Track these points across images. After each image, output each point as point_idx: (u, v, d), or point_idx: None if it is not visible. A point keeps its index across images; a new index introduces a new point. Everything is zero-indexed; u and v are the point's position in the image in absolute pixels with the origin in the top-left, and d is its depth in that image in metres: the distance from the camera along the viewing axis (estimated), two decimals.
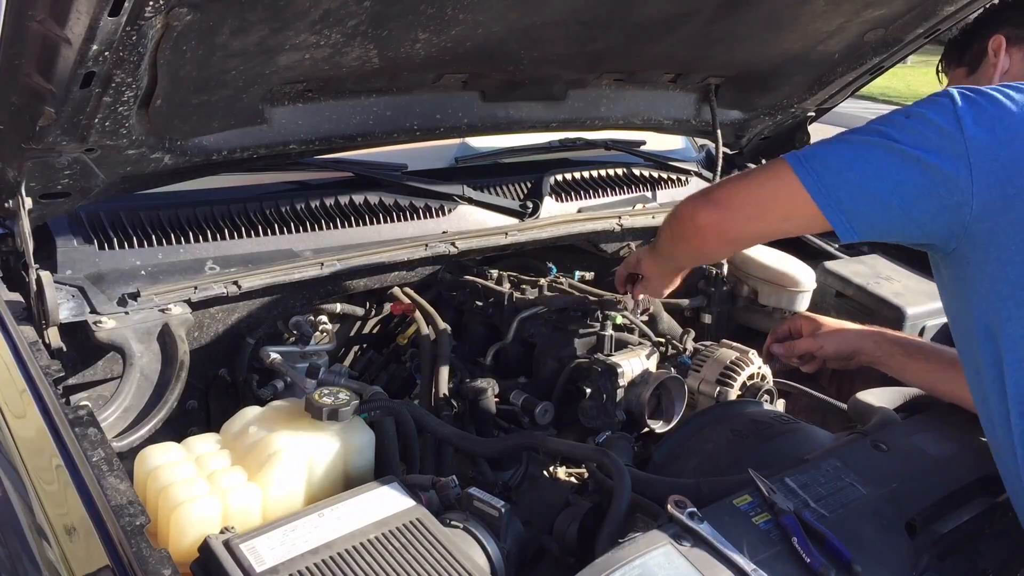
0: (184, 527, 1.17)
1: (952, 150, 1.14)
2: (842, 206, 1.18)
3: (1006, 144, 1.13)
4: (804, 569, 1.12)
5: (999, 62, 1.42)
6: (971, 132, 1.14)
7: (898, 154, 1.16)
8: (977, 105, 1.16)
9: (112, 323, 1.60)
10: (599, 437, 1.68)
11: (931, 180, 1.15)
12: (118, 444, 1.39)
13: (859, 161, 1.18)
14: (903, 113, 1.21)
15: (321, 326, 1.97)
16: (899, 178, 1.16)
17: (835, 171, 1.19)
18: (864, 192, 1.18)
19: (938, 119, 1.16)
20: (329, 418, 1.34)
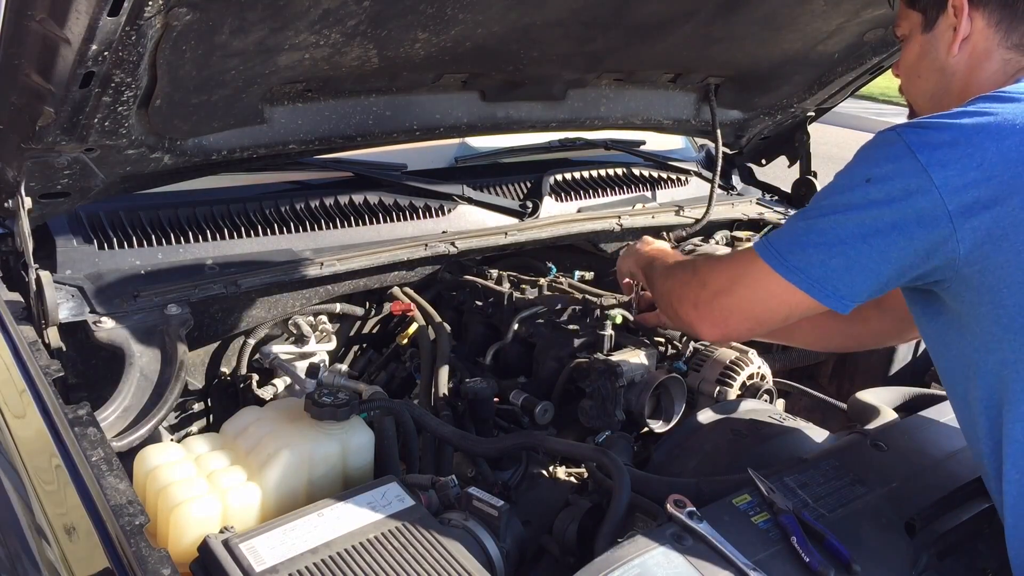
0: (183, 527, 1.17)
1: (929, 209, 1.09)
2: (838, 292, 1.16)
3: (983, 183, 1.07)
4: (803, 568, 1.12)
5: (960, 25, 1.24)
6: (941, 181, 1.08)
7: (874, 232, 1.12)
8: (937, 150, 1.09)
9: (112, 323, 1.60)
10: (599, 437, 1.69)
11: (915, 244, 1.11)
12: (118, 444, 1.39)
13: (838, 247, 1.15)
14: (862, 176, 1.14)
15: (321, 326, 1.97)
16: (884, 255, 1.13)
17: (820, 264, 1.16)
18: (854, 274, 1.15)
19: (903, 178, 1.10)
20: (329, 418, 1.34)
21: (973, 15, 1.24)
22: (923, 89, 1.35)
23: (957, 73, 1.28)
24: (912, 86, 1.38)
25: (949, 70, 1.29)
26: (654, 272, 1.55)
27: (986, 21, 1.24)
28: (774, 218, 2.66)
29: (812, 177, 2.72)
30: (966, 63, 1.27)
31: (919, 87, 1.36)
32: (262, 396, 1.82)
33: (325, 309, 2.00)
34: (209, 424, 1.92)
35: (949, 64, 1.28)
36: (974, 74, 1.26)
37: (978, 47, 1.25)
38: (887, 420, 1.61)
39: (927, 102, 1.35)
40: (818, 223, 1.17)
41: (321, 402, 1.35)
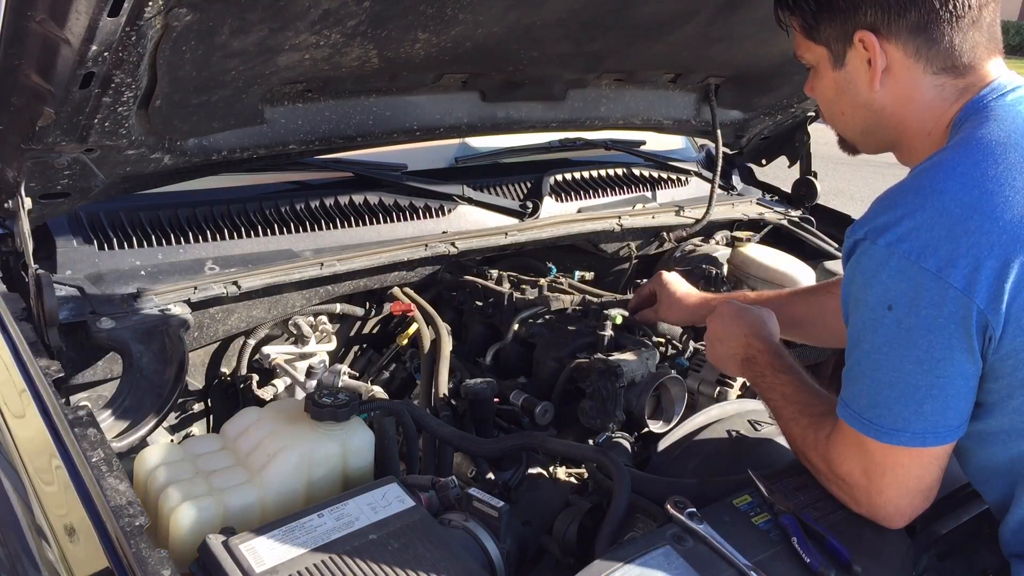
0: (183, 527, 1.17)
1: (964, 311, 1.03)
2: (950, 428, 1.10)
3: (999, 261, 1.02)
4: (804, 569, 1.12)
5: (876, 59, 1.14)
6: (963, 284, 1.02)
7: (936, 360, 1.06)
8: (938, 251, 1.03)
9: (112, 323, 1.60)
10: (599, 437, 1.69)
11: (974, 346, 1.05)
12: (118, 444, 1.39)
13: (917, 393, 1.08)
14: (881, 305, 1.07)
15: (321, 326, 1.97)
16: (961, 372, 1.07)
17: (917, 416, 1.09)
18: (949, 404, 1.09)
19: (926, 293, 1.03)
20: (329, 418, 1.34)
21: (885, 46, 1.15)
22: (851, 125, 1.28)
23: (887, 107, 1.20)
24: (837, 122, 1.30)
25: (876, 106, 1.20)
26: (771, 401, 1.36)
27: (903, 51, 1.15)
28: (774, 218, 2.66)
29: (812, 177, 2.72)
30: (893, 96, 1.18)
31: (846, 123, 1.28)
32: (262, 397, 1.82)
33: (325, 309, 2.00)
34: (209, 424, 1.92)
35: (875, 100, 1.20)
36: (907, 106, 1.18)
37: (902, 79, 1.16)
38: None
39: (860, 136, 1.28)
40: (880, 375, 1.10)
41: (321, 403, 1.35)
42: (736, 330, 1.46)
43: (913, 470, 1.13)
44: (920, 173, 1.11)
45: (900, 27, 1.13)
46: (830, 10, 1.18)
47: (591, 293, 2.09)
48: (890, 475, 1.14)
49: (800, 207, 2.75)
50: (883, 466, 1.14)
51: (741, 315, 1.48)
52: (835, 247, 2.54)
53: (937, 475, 1.15)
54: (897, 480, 1.14)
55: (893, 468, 1.13)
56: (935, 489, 1.17)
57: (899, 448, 1.11)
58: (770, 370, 1.36)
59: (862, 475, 1.16)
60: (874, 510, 1.17)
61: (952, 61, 1.14)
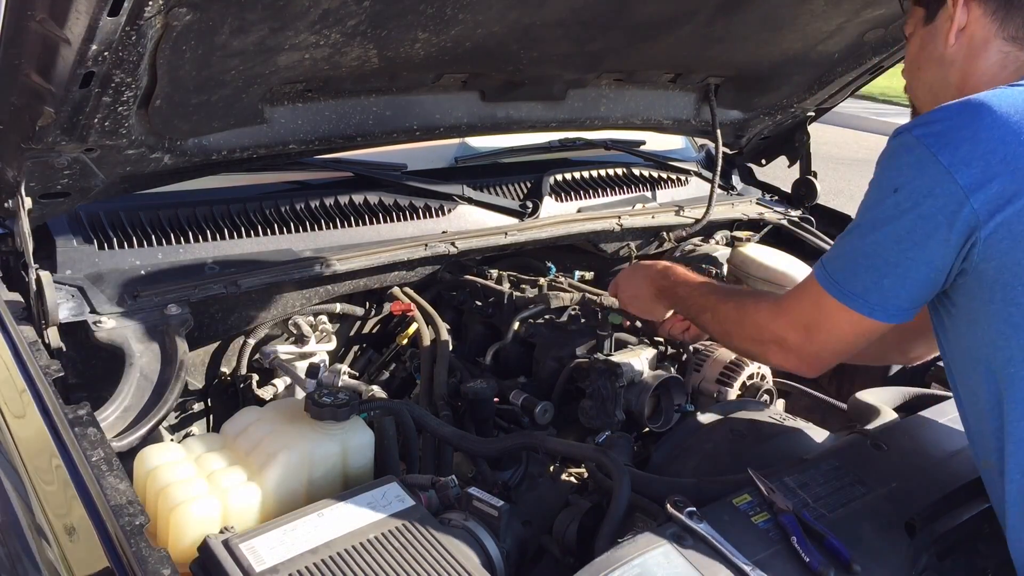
0: (183, 527, 1.17)
1: (957, 210, 1.11)
2: (900, 308, 1.20)
3: (1007, 176, 1.10)
4: (803, 568, 1.12)
5: (956, 15, 1.27)
6: (966, 181, 1.10)
7: (913, 244, 1.15)
8: (959, 148, 1.12)
9: (112, 323, 1.60)
10: (599, 437, 1.68)
11: (951, 245, 1.13)
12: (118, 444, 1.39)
13: (885, 267, 1.19)
14: (890, 187, 1.18)
15: (321, 326, 1.97)
16: (929, 263, 1.16)
17: (874, 286, 1.20)
18: (908, 288, 1.18)
19: (929, 183, 1.13)
20: (329, 418, 1.34)
21: (970, 5, 1.26)
22: (923, 81, 1.38)
23: (955, 63, 1.30)
24: (914, 79, 1.41)
25: (947, 60, 1.30)
26: (694, 305, 1.55)
27: (983, 10, 1.26)
28: (774, 218, 2.66)
29: (812, 177, 2.72)
30: (964, 54, 1.28)
31: (920, 80, 1.39)
32: (262, 396, 1.82)
33: (325, 309, 2.00)
34: (209, 424, 1.92)
35: (947, 55, 1.30)
36: (971, 65, 1.28)
37: (975, 37, 1.27)
38: (887, 420, 1.60)
39: (927, 94, 1.37)
40: (862, 244, 1.21)
41: (321, 402, 1.35)
42: (640, 275, 1.71)
43: (848, 335, 1.25)
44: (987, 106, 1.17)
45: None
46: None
47: (591, 293, 2.09)
48: (826, 332, 1.27)
49: (800, 207, 2.75)
50: (825, 323, 1.26)
51: (636, 268, 1.74)
52: None
53: (862, 347, 1.28)
54: (829, 337, 1.27)
55: (831, 326, 1.26)
56: (849, 357, 1.33)
57: (845, 309, 1.22)
58: (683, 286, 1.59)
59: (803, 327, 1.29)
60: (802, 359, 1.32)
61: (1023, 33, 1.24)
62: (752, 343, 1.41)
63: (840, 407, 1.93)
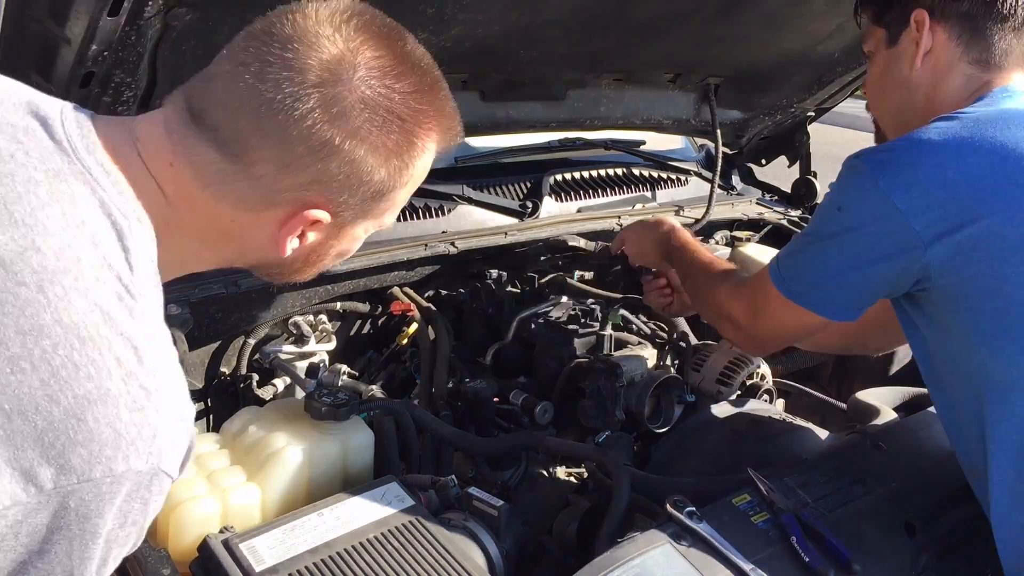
0: (183, 526, 1.17)
1: (898, 232, 1.15)
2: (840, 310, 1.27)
3: (947, 203, 1.13)
4: (803, 568, 1.12)
5: (922, 39, 1.27)
6: (905, 205, 1.13)
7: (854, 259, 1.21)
8: (899, 175, 1.16)
9: None
10: (599, 437, 1.68)
11: (893, 265, 1.18)
12: None
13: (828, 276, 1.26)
14: (834, 205, 1.24)
15: (321, 326, 1.97)
16: (868, 278, 1.22)
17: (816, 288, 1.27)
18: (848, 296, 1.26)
19: (869, 205, 1.18)
20: (329, 418, 1.34)
21: (935, 28, 1.27)
22: (888, 104, 1.39)
23: (921, 87, 1.30)
24: (878, 102, 1.42)
25: (913, 84, 1.31)
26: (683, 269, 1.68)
27: (948, 34, 1.27)
28: (774, 218, 2.66)
29: (812, 177, 2.72)
30: (929, 77, 1.29)
31: (884, 103, 1.40)
32: (262, 396, 1.82)
33: (325, 308, 2.00)
34: (209, 424, 1.92)
35: (912, 78, 1.31)
36: (937, 88, 1.29)
37: (940, 61, 1.28)
38: (887, 420, 1.61)
39: (892, 118, 1.39)
40: (809, 251, 1.29)
41: (321, 402, 1.35)
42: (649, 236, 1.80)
43: (791, 324, 1.35)
44: (930, 135, 1.20)
45: (952, 12, 1.26)
46: None
47: (591, 294, 2.09)
48: (770, 320, 1.36)
49: (800, 207, 2.75)
50: (769, 311, 1.35)
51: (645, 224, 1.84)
52: None
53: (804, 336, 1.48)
54: (771, 324, 1.37)
55: (775, 315, 1.34)
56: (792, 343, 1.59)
57: (788, 302, 1.30)
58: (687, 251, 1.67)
59: (750, 312, 1.40)
60: (741, 336, 1.46)
61: (986, 56, 1.26)
62: (712, 315, 1.56)
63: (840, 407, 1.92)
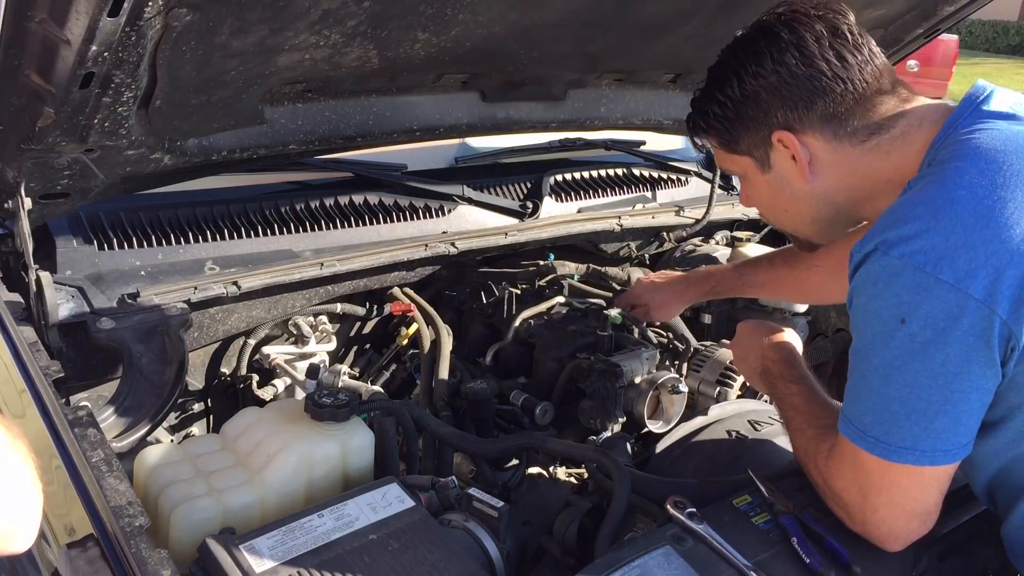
0: (183, 527, 1.17)
1: (983, 322, 1.00)
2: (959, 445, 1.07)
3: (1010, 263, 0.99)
4: (803, 569, 1.12)
5: (798, 155, 1.17)
6: (979, 292, 0.99)
7: (953, 374, 1.03)
8: (956, 260, 1.00)
9: (112, 323, 1.60)
10: (599, 437, 1.68)
11: (993, 359, 1.02)
12: (118, 445, 1.39)
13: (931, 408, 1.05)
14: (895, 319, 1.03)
15: (321, 326, 1.97)
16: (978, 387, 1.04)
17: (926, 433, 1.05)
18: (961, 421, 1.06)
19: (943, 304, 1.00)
20: (329, 418, 1.34)
21: (805, 140, 1.18)
22: (799, 220, 1.30)
23: (829, 189, 1.21)
24: (783, 222, 1.33)
25: (818, 192, 1.22)
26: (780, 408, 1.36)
27: (822, 139, 1.17)
28: None
29: None
30: (833, 178, 1.20)
31: (793, 220, 1.31)
32: (262, 397, 1.82)
33: (325, 309, 2.00)
34: (209, 425, 1.92)
35: (814, 189, 1.21)
36: (852, 179, 1.19)
37: (833, 161, 1.18)
38: None
39: (812, 226, 1.30)
40: (890, 390, 1.06)
41: (321, 403, 1.35)
42: (754, 344, 1.46)
43: (911, 491, 1.10)
44: (926, 186, 1.07)
45: (811, 119, 1.16)
46: (742, 121, 1.22)
47: (591, 294, 2.09)
48: (886, 495, 1.11)
49: None
50: (880, 485, 1.10)
51: (757, 330, 1.49)
52: None
53: (937, 498, 1.12)
54: (893, 500, 1.11)
55: (890, 488, 1.10)
56: (934, 514, 1.14)
57: (899, 466, 1.08)
58: (782, 381, 1.36)
59: (857, 492, 1.13)
60: (868, 529, 1.15)
61: (873, 127, 1.16)
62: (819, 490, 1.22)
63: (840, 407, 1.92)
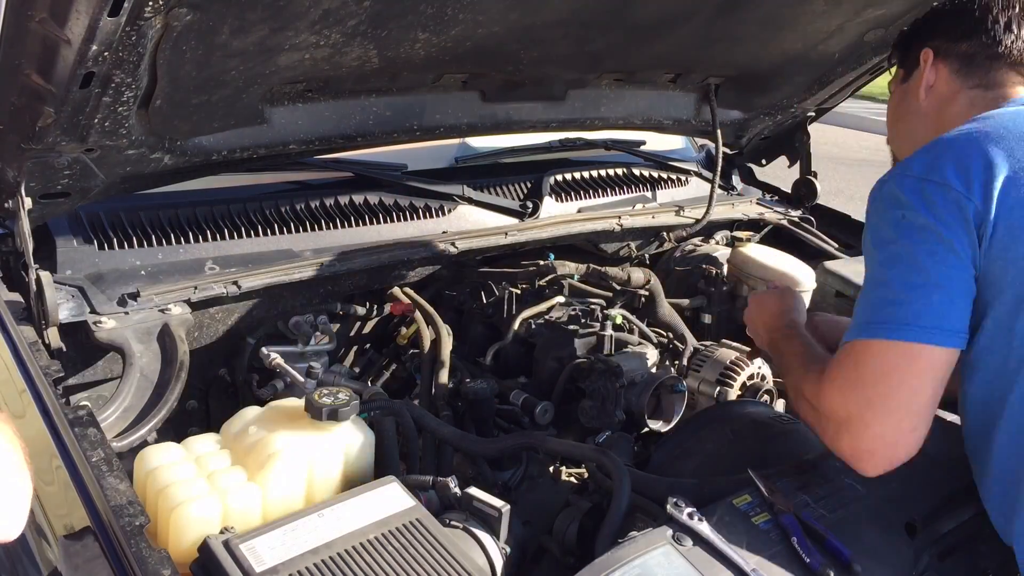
0: (184, 527, 1.17)
1: (965, 211, 1.16)
2: (954, 328, 1.16)
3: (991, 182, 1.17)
4: (804, 569, 1.12)
5: (924, 74, 1.46)
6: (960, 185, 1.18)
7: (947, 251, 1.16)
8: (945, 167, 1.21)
9: (112, 323, 1.60)
10: (599, 437, 1.69)
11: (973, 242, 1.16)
12: (118, 444, 1.39)
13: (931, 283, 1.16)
14: (895, 218, 1.21)
15: (321, 326, 1.97)
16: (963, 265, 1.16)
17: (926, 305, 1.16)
18: (955, 299, 1.16)
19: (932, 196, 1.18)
20: (329, 418, 1.34)
21: (938, 65, 1.46)
22: (902, 131, 1.56)
23: (929, 114, 1.46)
24: (894, 130, 1.59)
25: (922, 112, 1.47)
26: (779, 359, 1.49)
27: (949, 70, 1.44)
28: (774, 218, 2.66)
29: (812, 177, 2.72)
30: (936, 103, 1.45)
31: (898, 132, 1.58)
32: (262, 396, 1.82)
33: (325, 309, 2.00)
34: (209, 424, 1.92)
35: (921, 108, 1.47)
36: (943, 114, 1.43)
37: (943, 92, 1.44)
38: None
39: (906, 143, 1.52)
40: (895, 274, 1.18)
41: (321, 402, 1.35)
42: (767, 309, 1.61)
43: (908, 379, 1.15)
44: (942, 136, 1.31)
45: (952, 52, 1.45)
46: (916, 37, 1.53)
47: (592, 294, 2.09)
48: (882, 388, 1.15)
49: (800, 207, 2.75)
50: (875, 377, 1.16)
51: (765, 299, 1.66)
52: (835, 247, 2.54)
53: (931, 398, 1.16)
54: (887, 397, 1.15)
55: (887, 378, 1.15)
56: (925, 419, 1.17)
57: (898, 348, 1.14)
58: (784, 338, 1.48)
59: (853, 405, 1.17)
60: (857, 444, 1.17)
61: (985, 83, 1.41)
62: (810, 417, 1.29)
63: None
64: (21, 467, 0.92)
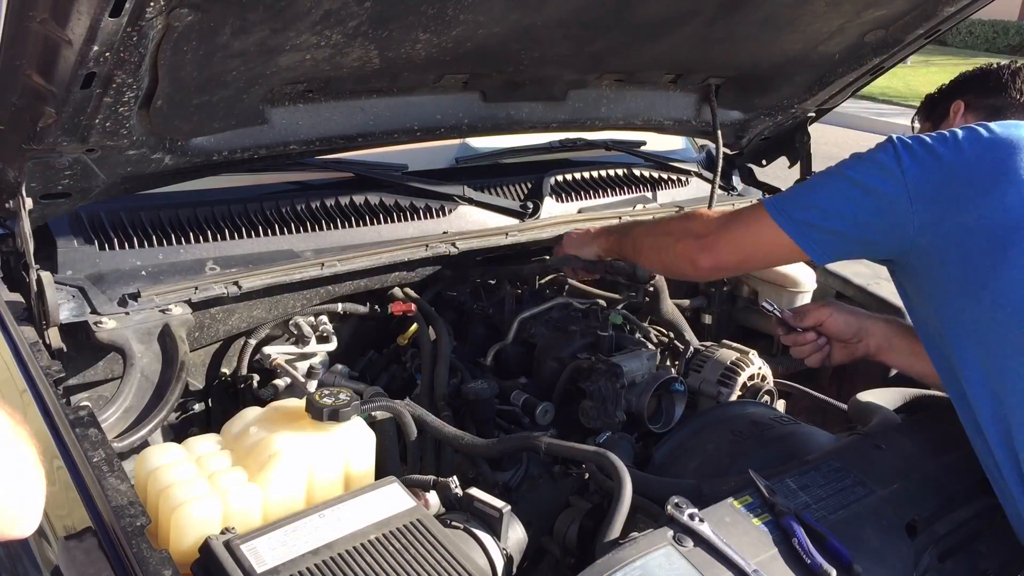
0: (185, 528, 1.17)
1: (892, 178, 1.37)
2: (811, 237, 1.43)
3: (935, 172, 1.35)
4: (804, 570, 1.12)
5: (955, 123, 1.67)
6: (907, 164, 1.37)
7: (849, 183, 1.41)
8: (912, 149, 1.40)
9: (112, 323, 1.60)
10: (600, 437, 1.69)
11: (877, 202, 1.38)
12: (118, 445, 1.39)
13: (820, 196, 1.44)
14: (856, 155, 1.46)
15: (321, 326, 1.97)
16: (852, 207, 1.39)
17: (802, 209, 1.44)
18: (827, 223, 1.42)
19: (882, 156, 1.41)
20: (329, 418, 1.34)
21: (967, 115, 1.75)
22: None
23: None
24: None
25: None
26: (635, 236, 1.83)
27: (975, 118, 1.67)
28: None
29: None
30: None
31: None
32: (263, 397, 1.82)
33: (326, 309, 2.00)
34: (210, 425, 1.92)
35: None
36: None
37: None
38: (887, 421, 1.61)
39: None
40: (811, 182, 1.51)
41: (322, 403, 1.35)
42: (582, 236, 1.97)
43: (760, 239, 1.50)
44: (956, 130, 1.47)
45: (981, 105, 1.75)
46: (945, 97, 1.85)
47: (592, 294, 2.09)
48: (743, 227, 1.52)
49: None
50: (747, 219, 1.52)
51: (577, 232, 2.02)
52: None
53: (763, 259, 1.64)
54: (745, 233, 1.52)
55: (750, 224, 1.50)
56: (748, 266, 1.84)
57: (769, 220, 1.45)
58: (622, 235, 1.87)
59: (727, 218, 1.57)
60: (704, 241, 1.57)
61: None
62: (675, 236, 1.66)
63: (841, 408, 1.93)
64: (37, 466, 0.95)
